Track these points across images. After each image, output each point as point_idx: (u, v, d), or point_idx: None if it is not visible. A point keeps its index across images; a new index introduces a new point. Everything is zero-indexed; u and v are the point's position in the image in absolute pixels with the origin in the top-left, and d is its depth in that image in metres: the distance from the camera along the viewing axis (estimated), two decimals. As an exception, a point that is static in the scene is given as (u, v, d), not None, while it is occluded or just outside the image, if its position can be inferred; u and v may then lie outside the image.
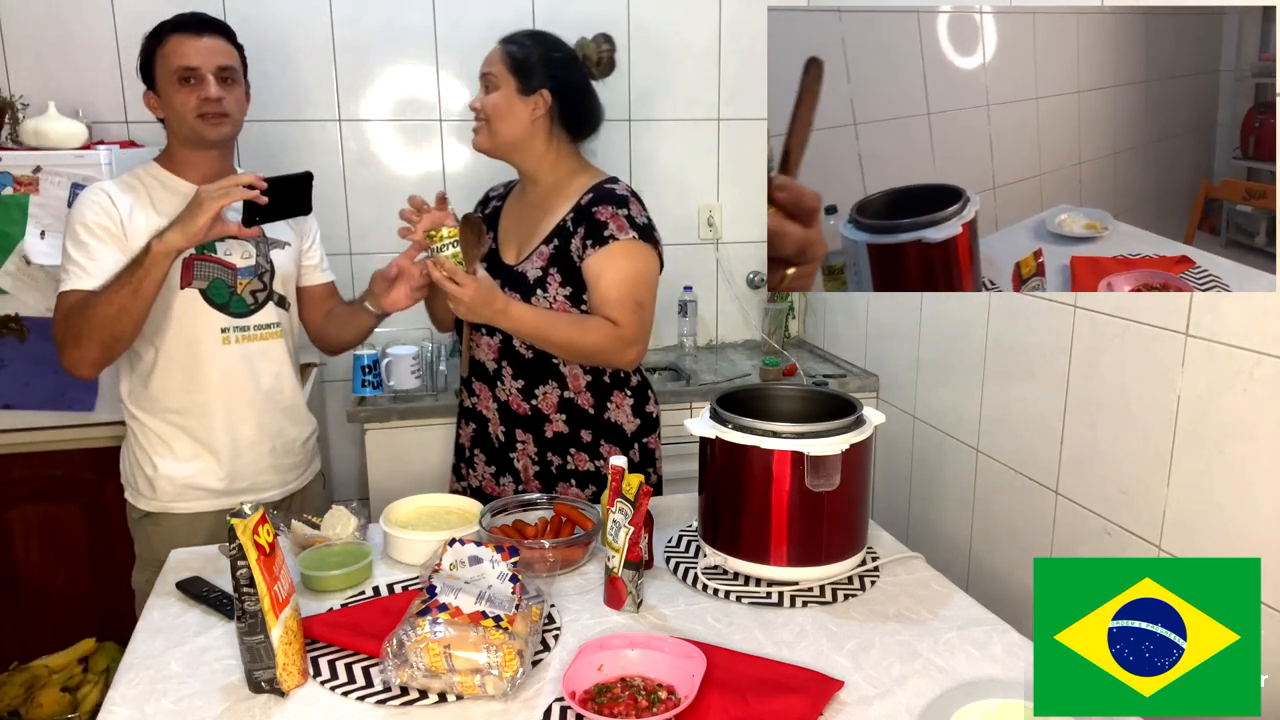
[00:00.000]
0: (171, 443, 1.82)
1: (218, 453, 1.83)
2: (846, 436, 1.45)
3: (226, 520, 1.17)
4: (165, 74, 1.72)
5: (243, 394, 1.83)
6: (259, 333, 1.84)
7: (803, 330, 3.26)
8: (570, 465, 1.91)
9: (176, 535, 1.77)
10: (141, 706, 1.19)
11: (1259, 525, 1.56)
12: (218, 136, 1.75)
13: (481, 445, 1.96)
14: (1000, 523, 2.22)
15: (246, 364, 1.82)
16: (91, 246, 1.70)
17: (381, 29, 2.77)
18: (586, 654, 1.23)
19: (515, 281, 1.83)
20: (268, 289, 1.85)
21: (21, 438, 2.28)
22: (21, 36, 2.53)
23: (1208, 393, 1.63)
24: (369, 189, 2.84)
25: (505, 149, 1.85)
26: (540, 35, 1.88)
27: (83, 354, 1.68)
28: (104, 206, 1.72)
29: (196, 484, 1.83)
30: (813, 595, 1.47)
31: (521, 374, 1.86)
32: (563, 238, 1.82)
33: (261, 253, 1.84)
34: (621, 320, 1.76)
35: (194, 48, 1.70)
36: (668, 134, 3.02)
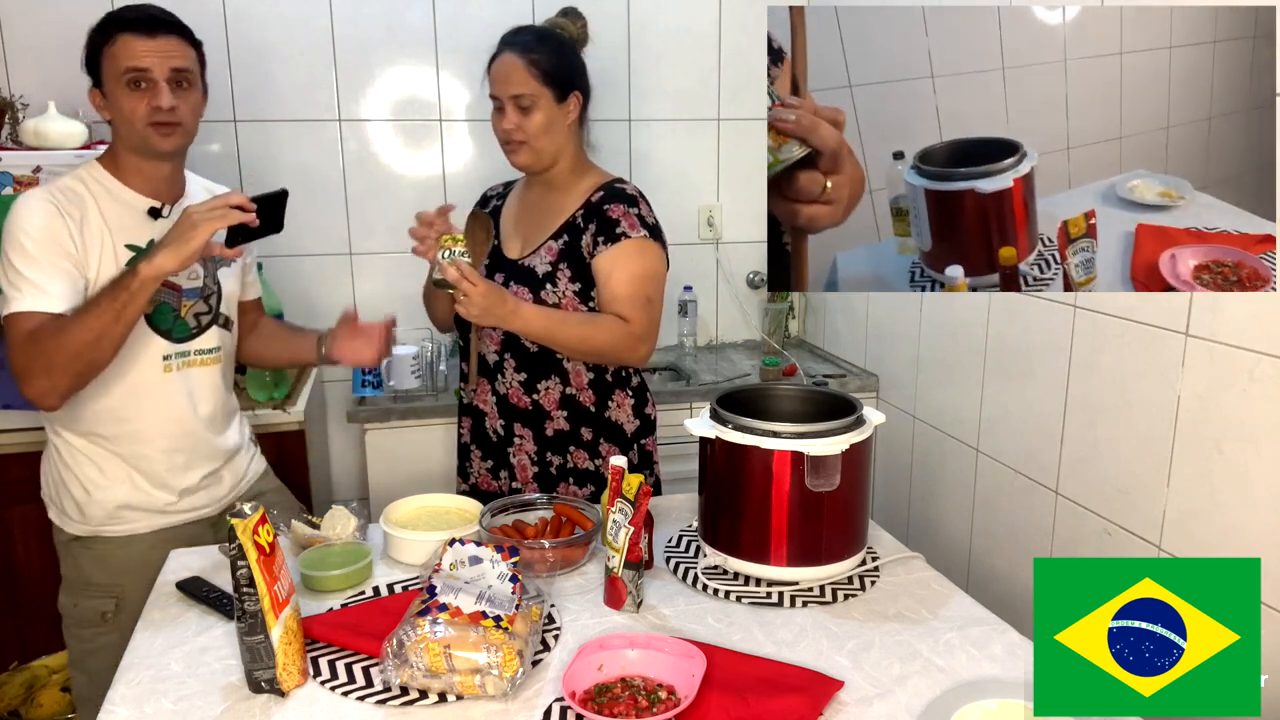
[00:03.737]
0: (102, 465, 1.69)
1: (151, 476, 1.71)
2: (846, 436, 1.45)
3: (226, 520, 1.17)
4: (113, 74, 1.56)
5: (180, 423, 1.71)
6: (199, 358, 1.72)
7: (803, 330, 3.26)
8: (570, 464, 1.91)
9: (109, 559, 1.70)
10: (141, 706, 1.19)
11: (1259, 525, 1.56)
12: (169, 147, 1.61)
13: (478, 441, 1.96)
14: (1000, 523, 2.22)
15: (185, 391, 1.70)
16: (42, 262, 1.54)
17: (381, 29, 2.77)
18: (586, 654, 1.23)
19: (521, 275, 1.83)
20: (213, 311, 1.73)
21: (21, 438, 2.28)
22: (21, 36, 2.53)
23: (1208, 393, 1.63)
24: (369, 189, 2.84)
25: (549, 162, 1.84)
26: (545, 34, 1.84)
27: (53, 383, 1.54)
28: (51, 217, 1.56)
29: (130, 505, 1.71)
30: (813, 595, 1.47)
31: (524, 367, 1.86)
32: (572, 234, 1.83)
33: (209, 273, 1.72)
34: (632, 317, 1.77)
35: (145, 48, 1.55)
36: (668, 134, 3.02)
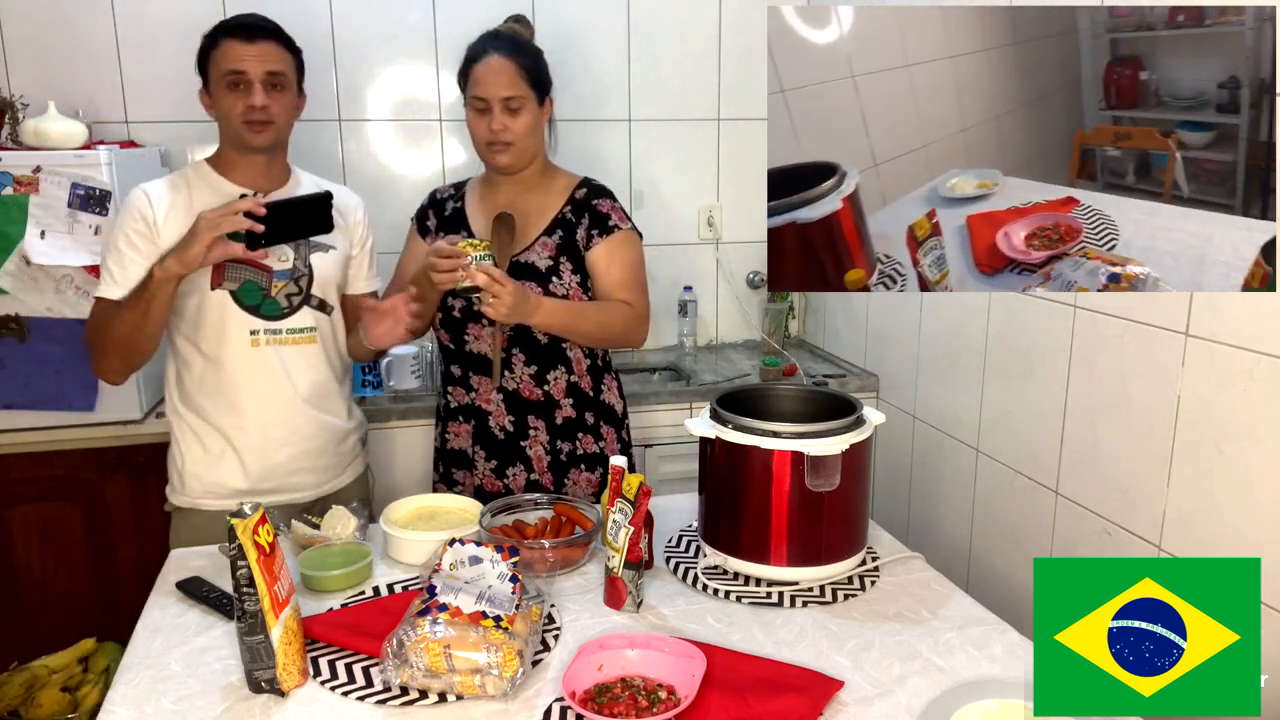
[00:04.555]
0: (204, 439, 1.81)
1: (245, 452, 1.81)
2: (846, 436, 1.45)
3: (226, 520, 1.17)
4: (216, 76, 1.73)
5: (274, 396, 1.80)
6: (292, 336, 1.81)
7: (803, 330, 3.26)
8: (579, 450, 1.95)
9: (201, 532, 1.76)
10: (141, 706, 1.19)
11: (1259, 525, 1.56)
12: (261, 143, 1.75)
13: (482, 442, 1.96)
14: (1000, 523, 2.22)
15: (279, 366, 1.80)
16: (124, 253, 1.71)
17: (381, 29, 2.77)
18: (586, 654, 1.23)
19: (523, 272, 1.86)
20: (304, 293, 1.82)
21: (21, 438, 2.28)
22: (21, 36, 2.53)
23: (1208, 393, 1.63)
24: (369, 189, 2.83)
25: (528, 162, 1.89)
26: (521, 39, 1.89)
27: (109, 365, 1.76)
28: (140, 210, 1.73)
29: (221, 482, 1.82)
30: (813, 595, 1.47)
31: (535, 360, 1.90)
32: (566, 229, 1.88)
33: (300, 256, 1.82)
34: (634, 301, 1.90)
35: (244, 53, 1.70)
36: (668, 134, 3.02)
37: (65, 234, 2.15)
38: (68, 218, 2.15)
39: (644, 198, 3.03)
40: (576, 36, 2.88)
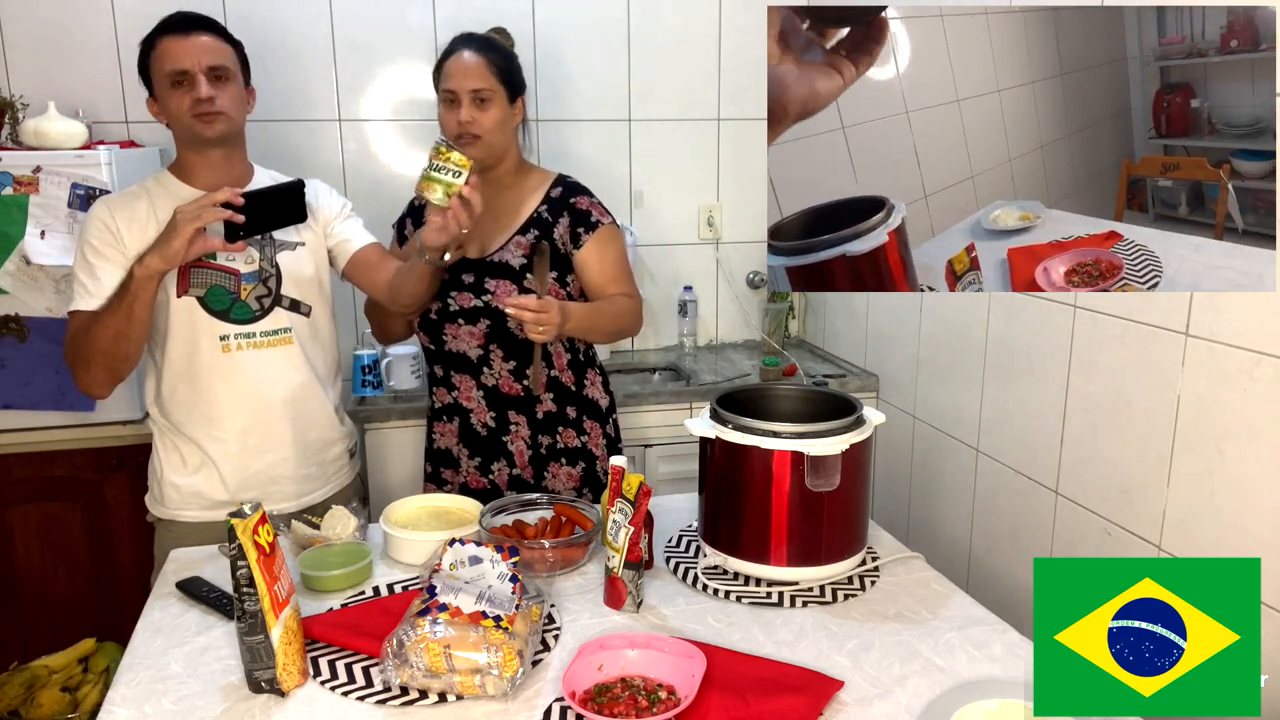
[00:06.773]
0: (182, 450, 1.80)
1: (222, 462, 1.79)
2: (846, 436, 1.45)
3: (226, 520, 1.17)
4: (160, 79, 1.70)
5: (249, 401, 1.78)
6: (266, 339, 1.79)
7: (803, 330, 3.26)
8: (560, 444, 1.96)
9: (181, 543, 1.73)
10: (141, 706, 1.19)
11: (1259, 525, 1.55)
12: (213, 134, 1.71)
13: (465, 440, 1.97)
14: (1000, 523, 2.22)
15: (254, 370, 1.77)
16: (93, 264, 1.69)
17: (381, 29, 2.76)
18: (586, 654, 1.23)
19: (496, 271, 1.87)
20: (274, 294, 1.79)
21: (21, 438, 2.28)
22: (21, 36, 2.53)
23: (1208, 393, 1.63)
24: (369, 189, 2.84)
25: (498, 158, 1.90)
26: (495, 41, 1.92)
27: (92, 377, 1.72)
28: (103, 222, 1.71)
29: (200, 493, 1.80)
30: (813, 595, 1.47)
31: (513, 355, 1.90)
32: (542, 227, 1.90)
33: (265, 257, 1.79)
34: (632, 292, 1.96)
35: (182, 48, 1.67)
36: (668, 134, 3.02)
37: (65, 234, 2.15)
38: (68, 218, 2.15)
39: (644, 198, 3.03)
40: (577, 36, 2.88)
